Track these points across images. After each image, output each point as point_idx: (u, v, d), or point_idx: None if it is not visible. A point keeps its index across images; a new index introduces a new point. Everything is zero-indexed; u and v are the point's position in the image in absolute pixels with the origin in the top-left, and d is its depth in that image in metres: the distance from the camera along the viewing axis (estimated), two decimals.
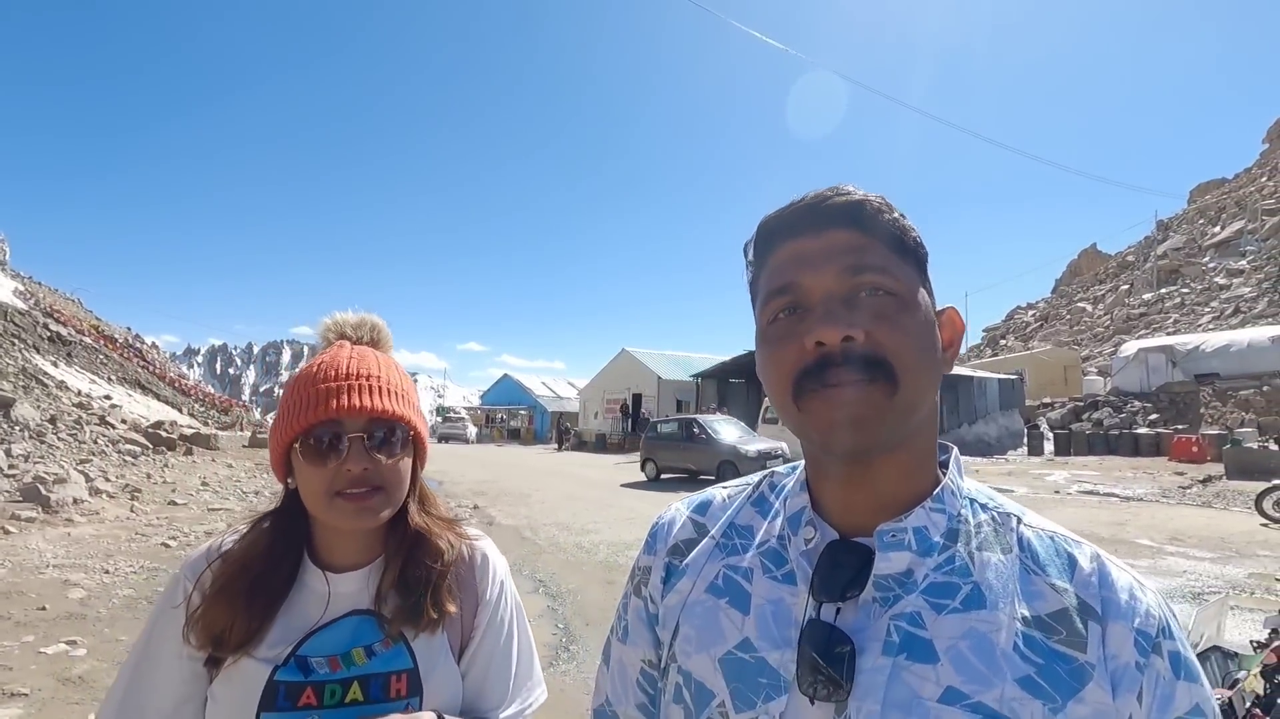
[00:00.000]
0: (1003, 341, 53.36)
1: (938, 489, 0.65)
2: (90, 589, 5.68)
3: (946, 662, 0.58)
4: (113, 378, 28.04)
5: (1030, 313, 58.92)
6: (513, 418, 49.42)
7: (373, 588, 0.95)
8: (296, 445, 0.90)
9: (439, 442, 39.25)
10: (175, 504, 10.13)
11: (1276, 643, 1.34)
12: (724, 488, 0.81)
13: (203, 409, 33.97)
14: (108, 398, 22.32)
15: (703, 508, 0.79)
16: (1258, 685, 1.35)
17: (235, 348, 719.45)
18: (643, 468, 17.57)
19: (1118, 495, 12.58)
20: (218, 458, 16.68)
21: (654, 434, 17.82)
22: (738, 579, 0.69)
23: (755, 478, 0.80)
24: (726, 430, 16.51)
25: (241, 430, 27.99)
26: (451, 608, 0.97)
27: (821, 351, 0.59)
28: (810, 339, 0.59)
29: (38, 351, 23.12)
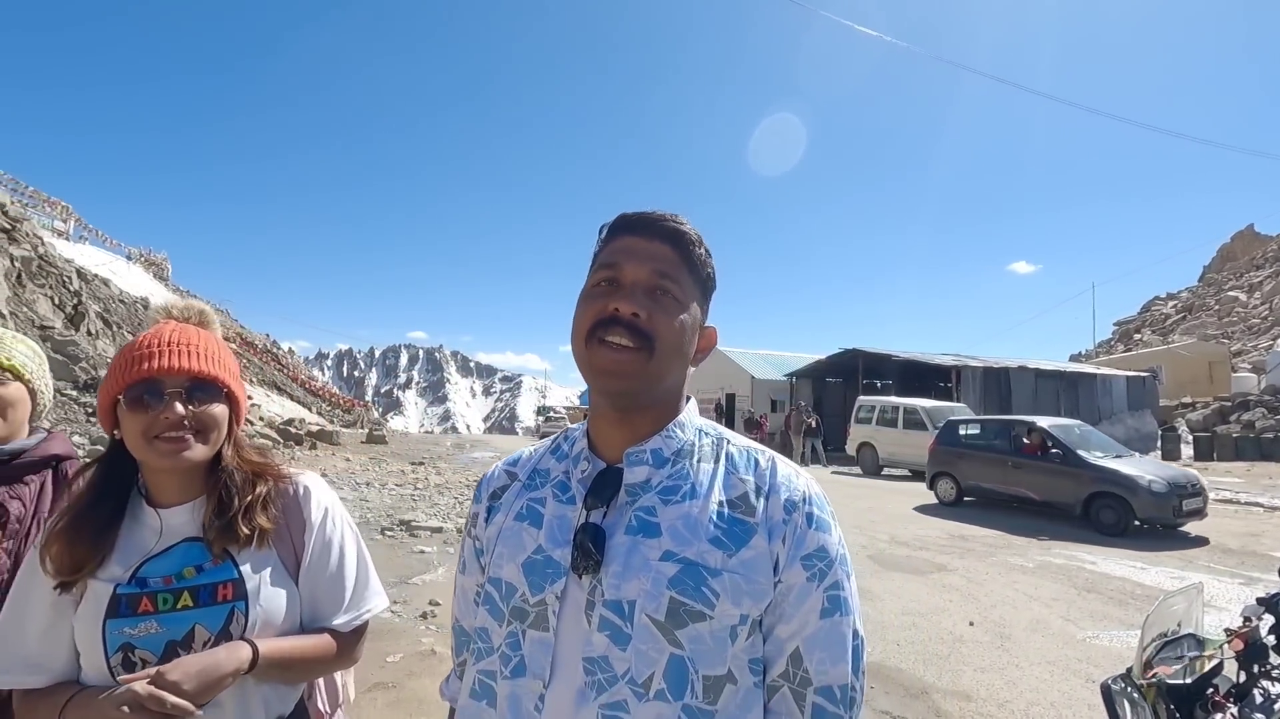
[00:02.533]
0: (1137, 336, 48.58)
1: (671, 423, 0.91)
2: None
3: (666, 534, 0.83)
4: (254, 380, 31.18)
5: (1170, 304, 53.29)
6: None
7: (199, 518, 1.14)
8: (121, 398, 1.07)
9: (539, 439, 40.68)
10: None
11: (1244, 630, 1.31)
12: (530, 447, 1.06)
13: (329, 408, 37.08)
14: (249, 398, 24.86)
15: (514, 462, 1.03)
16: (1230, 671, 1.32)
17: (359, 352, 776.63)
18: (932, 485, 11.63)
19: (1262, 505, 11.25)
20: (338, 452, 18.21)
21: (953, 440, 11.53)
22: (536, 506, 0.92)
23: (556, 435, 1.04)
24: (1092, 444, 10.08)
25: (361, 427, 30.32)
26: (265, 523, 1.15)
27: (614, 314, 0.84)
28: (611, 305, 0.84)
29: None
